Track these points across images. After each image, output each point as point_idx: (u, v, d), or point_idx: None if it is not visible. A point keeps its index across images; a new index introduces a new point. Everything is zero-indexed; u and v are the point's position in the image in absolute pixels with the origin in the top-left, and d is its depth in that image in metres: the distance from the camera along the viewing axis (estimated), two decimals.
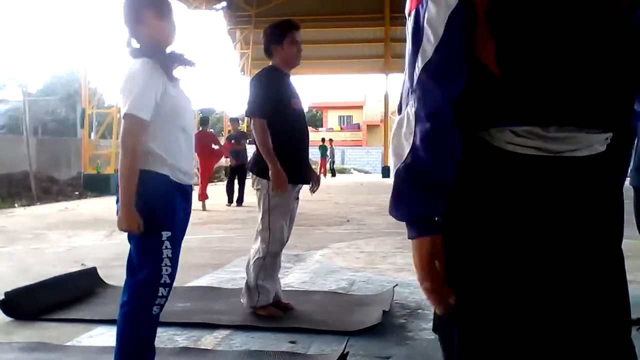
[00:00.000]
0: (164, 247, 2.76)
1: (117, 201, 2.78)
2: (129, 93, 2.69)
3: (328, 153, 33.07)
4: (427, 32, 1.39)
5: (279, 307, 4.40)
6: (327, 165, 32.97)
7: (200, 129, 13.30)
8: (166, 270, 2.78)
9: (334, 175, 32.89)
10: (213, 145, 13.24)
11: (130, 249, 2.85)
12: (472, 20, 1.37)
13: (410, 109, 1.40)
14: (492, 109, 1.40)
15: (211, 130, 14.39)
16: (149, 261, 2.77)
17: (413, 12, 1.43)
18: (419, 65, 1.39)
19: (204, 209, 12.71)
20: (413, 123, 1.39)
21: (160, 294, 2.80)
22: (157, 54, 2.81)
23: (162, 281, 2.78)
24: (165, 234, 2.76)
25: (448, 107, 1.37)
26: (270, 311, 4.28)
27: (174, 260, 2.82)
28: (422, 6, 1.40)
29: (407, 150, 1.39)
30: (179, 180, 2.83)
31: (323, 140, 33.31)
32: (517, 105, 1.38)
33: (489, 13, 1.35)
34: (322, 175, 28.97)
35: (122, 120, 2.72)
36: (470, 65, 1.39)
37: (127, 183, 2.68)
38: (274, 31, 4.38)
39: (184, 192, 2.90)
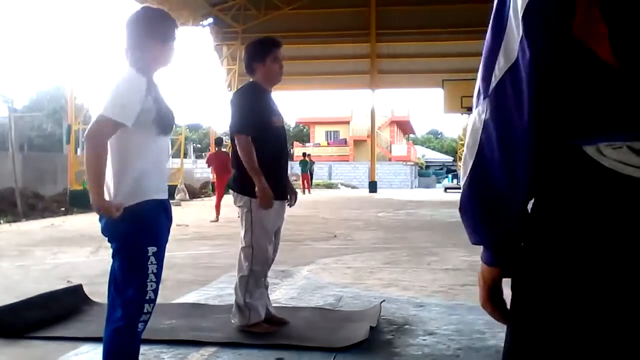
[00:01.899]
0: (149, 262, 2.75)
1: (100, 219, 2.79)
2: (113, 97, 2.71)
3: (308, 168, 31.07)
4: (512, 22, 1.09)
5: (273, 322, 4.40)
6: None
7: (217, 149, 14.92)
8: (151, 286, 2.77)
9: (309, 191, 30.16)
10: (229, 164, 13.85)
11: (114, 265, 2.84)
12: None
13: (478, 115, 1.15)
14: (603, 115, 1.07)
15: (225, 150, 15.31)
16: (134, 277, 2.76)
17: None
18: (501, 65, 1.10)
19: (217, 220, 13.58)
20: (479, 133, 1.15)
21: (145, 311, 2.79)
22: (149, 74, 2.84)
23: (147, 297, 2.77)
24: (152, 249, 2.76)
25: (529, 126, 1.09)
26: (263, 328, 4.26)
27: (158, 276, 2.82)
28: None
29: (470, 164, 1.18)
30: (161, 197, 2.86)
31: (304, 155, 31.40)
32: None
33: None
34: (306, 191, 28.61)
35: (96, 118, 2.71)
36: (571, 53, 1.07)
37: (95, 173, 2.67)
38: (256, 48, 4.38)
39: (165, 208, 2.91)
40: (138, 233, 2.75)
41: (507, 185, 1.13)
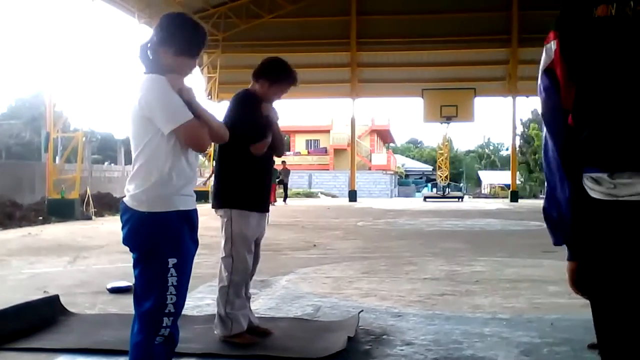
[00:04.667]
0: (169, 274, 2.66)
1: (122, 228, 2.73)
2: (165, 108, 2.65)
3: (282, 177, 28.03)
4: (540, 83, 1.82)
5: (257, 332, 4.39)
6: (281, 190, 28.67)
7: None
8: (171, 299, 2.68)
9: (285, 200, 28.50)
10: None
11: (135, 277, 2.77)
12: (557, 83, 1.74)
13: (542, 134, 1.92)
14: (579, 157, 1.70)
15: None
16: (153, 289, 2.68)
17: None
18: (542, 102, 1.82)
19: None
20: (542, 152, 1.85)
21: (164, 324, 2.69)
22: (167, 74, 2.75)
23: (166, 310, 2.68)
24: (172, 261, 2.67)
25: (555, 150, 1.76)
26: (245, 339, 4.24)
27: (180, 289, 2.72)
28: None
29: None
30: (186, 208, 2.77)
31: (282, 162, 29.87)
32: (588, 153, 1.68)
33: (569, 73, 1.70)
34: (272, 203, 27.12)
35: (177, 134, 2.66)
36: (565, 117, 1.74)
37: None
38: (274, 68, 4.41)
39: (190, 219, 2.81)
40: (158, 243, 2.66)
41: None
